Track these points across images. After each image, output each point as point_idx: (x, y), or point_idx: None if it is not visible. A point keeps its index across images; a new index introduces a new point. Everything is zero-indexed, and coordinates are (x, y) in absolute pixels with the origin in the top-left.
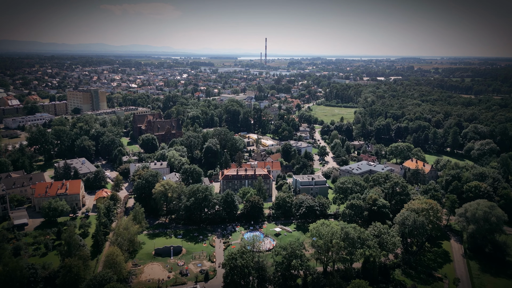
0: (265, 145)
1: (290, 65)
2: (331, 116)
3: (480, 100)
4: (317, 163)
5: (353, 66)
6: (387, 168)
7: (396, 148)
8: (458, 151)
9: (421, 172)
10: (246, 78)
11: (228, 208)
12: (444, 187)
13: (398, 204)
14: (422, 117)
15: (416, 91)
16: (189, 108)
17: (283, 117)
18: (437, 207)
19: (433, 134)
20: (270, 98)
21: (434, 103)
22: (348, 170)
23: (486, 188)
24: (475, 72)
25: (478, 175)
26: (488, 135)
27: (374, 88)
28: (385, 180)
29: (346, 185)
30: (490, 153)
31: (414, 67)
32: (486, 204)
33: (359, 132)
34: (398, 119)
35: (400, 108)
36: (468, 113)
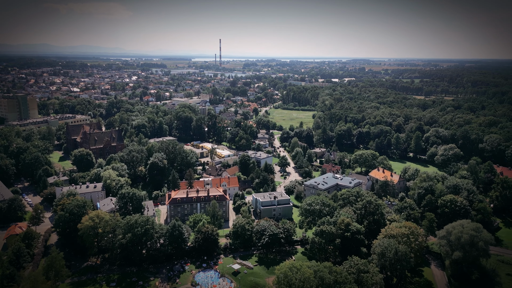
0: (221, 156)
1: (245, 66)
2: (289, 120)
3: (434, 102)
4: (278, 175)
5: (307, 67)
6: (354, 182)
7: (361, 156)
8: (421, 157)
9: (390, 184)
10: (201, 80)
11: (175, 242)
12: (417, 201)
13: (371, 225)
14: (383, 121)
15: (372, 93)
16: (134, 115)
17: (240, 124)
18: (418, 230)
19: (396, 139)
20: (225, 102)
21: (391, 105)
22: (313, 185)
23: (462, 202)
24: (422, 73)
25: (452, 187)
26: (449, 139)
27: (330, 90)
28: (356, 199)
29: (313, 207)
30: (454, 158)
31: (365, 68)
32: (471, 227)
33: (320, 138)
34: (358, 123)
35: (360, 111)
36: (428, 116)
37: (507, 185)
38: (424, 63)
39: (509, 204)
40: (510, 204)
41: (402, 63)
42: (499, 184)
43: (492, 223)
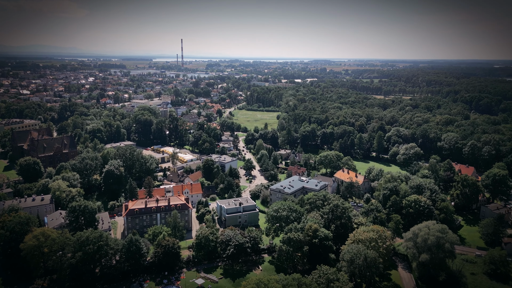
0: (183, 160)
1: (208, 67)
2: (254, 121)
3: (394, 101)
4: (244, 179)
5: (271, 68)
6: (320, 184)
7: (326, 158)
8: (384, 156)
9: (355, 185)
10: (162, 81)
11: (132, 258)
12: (382, 202)
13: (339, 229)
14: (345, 121)
15: (334, 93)
16: (89, 119)
17: (203, 126)
18: (385, 234)
19: (359, 139)
20: (188, 103)
21: (353, 105)
22: (280, 190)
23: (426, 202)
24: (380, 73)
25: (416, 187)
26: (410, 138)
27: (294, 91)
28: (323, 203)
29: (280, 213)
30: (415, 157)
31: (327, 68)
32: (437, 228)
33: (284, 140)
34: (322, 124)
35: (323, 112)
36: (389, 116)
37: (467, 183)
38: (381, 63)
39: (469, 201)
40: (470, 202)
41: (361, 64)
42: (459, 183)
43: (454, 222)
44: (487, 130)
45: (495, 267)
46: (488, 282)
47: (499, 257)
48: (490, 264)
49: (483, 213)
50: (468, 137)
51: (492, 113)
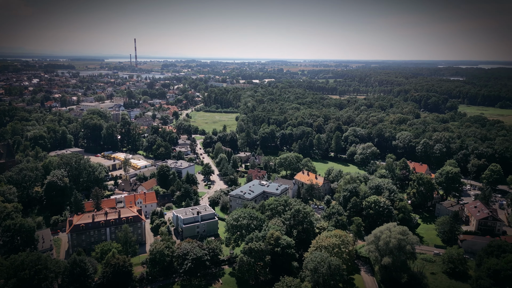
0: (137, 167)
1: (164, 67)
2: (212, 123)
3: (349, 101)
4: (202, 185)
5: (228, 68)
6: (281, 188)
7: (285, 160)
8: (342, 156)
9: (315, 187)
10: (114, 82)
11: (76, 281)
12: (343, 204)
13: (301, 235)
14: (304, 122)
15: (291, 94)
16: (30, 124)
17: (157, 130)
18: (348, 238)
19: (317, 139)
20: (142, 106)
21: (311, 106)
22: (240, 195)
23: (385, 203)
24: (335, 73)
25: (375, 188)
26: (366, 137)
27: (252, 91)
28: (284, 208)
29: (241, 222)
30: (372, 156)
31: (284, 69)
32: (398, 230)
33: (244, 142)
34: (281, 125)
35: (282, 113)
36: (345, 116)
37: (422, 182)
38: (335, 64)
39: (425, 199)
40: (425, 200)
41: (316, 64)
42: (415, 181)
43: (412, 221)
44: (437, 128)
45: (454, 266)
46: (448, 281)
47: (457, 256)
48: (448, 263)
49: (438, 211)
50: (421, 136)
51: (439, 111)
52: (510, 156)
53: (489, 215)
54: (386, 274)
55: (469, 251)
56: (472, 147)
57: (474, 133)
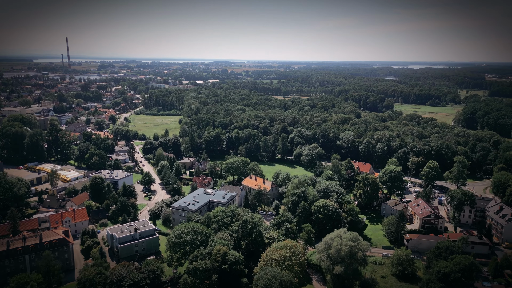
0: (66, 179)
1: (101, 68)
2: (153, 127)
3: (293, 102)
4: (142, 196)
5: (170, 69)
6: (228, 196)
7: (232, 165)
8: (289, 157)
9: (264, 193)
10: (44, 84)
11: None
12: (292, 209)
13: (249, 247)
14: (250, 124)
15: (236, 95)
16: None
17: (90, 136)
18: (299, 249)
19: (264, 142)
20: (75, 110)
21: (256, 107)
22: (183, 207)
23: (333, 206)
24: (278, 74)
25: (323, 191)
26: (311, 138)
27: (196, 93)
28: (232, 219)
29: (184, 238)
30: (318, 157)
31: (228, 70)
32: (349, 237)
33: (188, 147)
34: (227, 127)
35: (227, 115)
36: (290, 117)
37: (368, 182)
38: (279, 64)
39: (371, 200)
40: (371, 200)
41: (260, 65)
42: (361, 182)
43: (360, 222)
44: (378, 127)
45: (403, 268)
46: (398, 284)
47: (405, 257)
48: (397, 265)
49: (383, 210)
50: (363, 135)
51: (377, 110)
52: (445, 152)
53: (431, 213)
54: (338, 283)
55: (415, 250)
56: (410, 145)
57: (411, 131)
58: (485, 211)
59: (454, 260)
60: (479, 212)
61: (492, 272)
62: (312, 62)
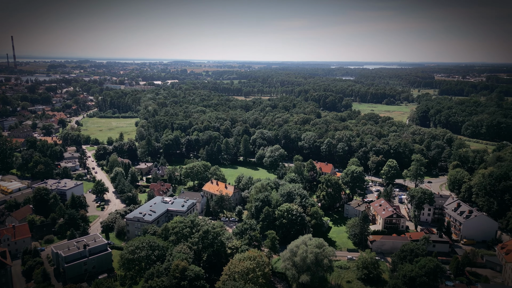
0: (7, 191)
1: (51, 68)
2: (108, 131)
3: (254, 103)
4: (94, 207)
5: (127, 69)
6: (188, 204)
7: (192, 169)
8: (251, 159)
9: (226, 198)
10: None
11: None
12: (255, 214)
13: (211, 259)
14: (210, 126)
15: (196, 96)
16: None
17: (35, 143)
18: (263, 259)
19: (225, 144)
20: (20, 113)
21: (217, 108)
22: (138, 218)
23: (297, 210)
24: (239, 74)
25: (286, 195)
26: (274, 140)
27: (153, 94)
28: (191, 230)
29: (138, 254)
30: (280, 159)
31: (187, 70)
32: (314, 243)
33: (145, 151)
34: (186, 130)
35: (186, 117)
36: (252, 118)
37: (331, 184)
38: (239, 65)
39: (334, 201)
40: (334, 201)
41: (220, 65)
42: (324, 183)
43: (324, 225)
44: (338, 127)
45: (368, 272)
46: None
47: (370, 260)
48: (363, 269)
49: (346, 211)
50: (324, 135)
51: (337, 110)
52: (402, 151)
53: (393, 212)
54: None
55: (379, 251)
56: (370, 144)
57: (371, 131)
58: (444, 208)
59: (420, 263)
60: (438, 209)
61: (454, 271)
62: (272, 62)
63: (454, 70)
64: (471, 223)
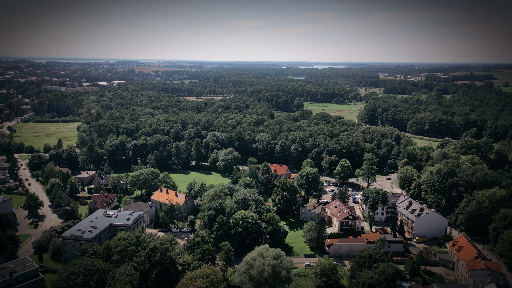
0: None
1: None
2: (45, 137)
3: (206, 103)
4: (26, 224)
5: (69, 70)
6: (134, 217)
7: (139, 177)
8: (204, 164)
9: (176, 208)
10: None
11: None
12: (208, 224)
13: (160, 278)
14: (159, 129)
15: (145, 97)
16: None
17: None
18: (217, 275)
19: (176, 148)
20: None
21: (166, 110)
22: (76, 236)
23: (253, 217)
24: (190, 74)
25: (241, 201)
26: (227, 142)
27: (98, 96)
28: (137, 248)
29: (74, 281)
30: (234, 162)
31: (135, 70)
32: (272, 255)
33: (87, 158)
34: (133, 134)
35: (133, 120)
36: (204, 120)
37: (286, 187)
38: (190, 64)
39: (290, 204)
40: (290, 205)
41: (170, 65)
42: (279, 187)
43: (280, 231)
44: (291, 128)
45: (327, 279)
46: None
47: (329, 267)
48: (321, 276)
49: (302, 214)
50: (278, 136)
51: (289, 110)
52: (354, 150)
53: (349, 214)
54: None
55: (336, 255)
56: (323, 144)
57: (323, 130)
58: (396, 207)
59: (379, 269)
60: (391, 208)
61: (409, 271)
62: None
63: (396, 70)
64: (423, 221)
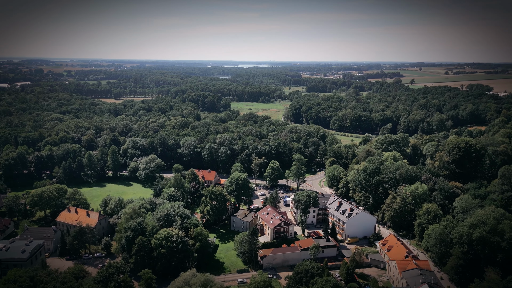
0: None
1: None
2: None
3: (125, 106)
4: None
5: None
6: (32, 247)
7: (41, 197)
8: (123, 174)
9: (87, 230)
10: None
11: None
12: (127, 247)
13: None
14: (69, 137)
15: (53, 100)
16: None
17: None
18: None
19: (88, 158)
20: None
21: (78, 114)
22: None
23: (178, 235)
24: (108, 74)
25: (164, 218)
26: (149, 148)
27: None
28: None
29: None
30: (157, 170)
31: (44, 70)
32: (200, 281)
33: None
34: (36, 144)
35: (36, 127)
36: (121, 124)
37: (215, 196)
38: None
39: (220, 215)
40: (220, 215)
41: (86, 64)
42: (207, 196)
43: (210, 246)
44: (219, 130)
45: None
46: None
47: (263, 284)
48: None
49: (233, 224)
50: (205, 139)
51: (216, 110)
52: (283, 150)
53: (281, 220)
54: None
55: (270, 267)
56: (252, 146)
57: (251, 132)
58: (327, 208)
59: (316, 285)
60: (322, 210)
61: (344, 277)
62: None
63: (316, 69)
64: (353, 221)
